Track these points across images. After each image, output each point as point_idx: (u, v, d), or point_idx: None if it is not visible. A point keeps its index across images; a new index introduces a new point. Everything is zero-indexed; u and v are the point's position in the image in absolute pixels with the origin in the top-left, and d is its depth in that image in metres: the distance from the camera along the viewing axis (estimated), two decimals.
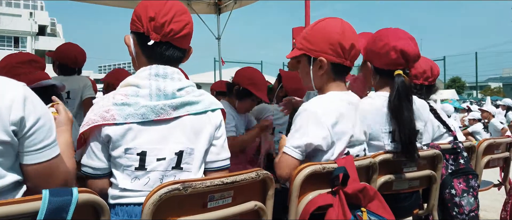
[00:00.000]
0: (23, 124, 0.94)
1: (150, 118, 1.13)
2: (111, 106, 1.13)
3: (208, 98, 1.26)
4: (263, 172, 1.21)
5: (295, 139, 1.38)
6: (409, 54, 1.61)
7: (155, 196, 0.99)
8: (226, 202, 1.14)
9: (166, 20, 1.18)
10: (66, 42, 3.20)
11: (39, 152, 0.98)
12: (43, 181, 1.00)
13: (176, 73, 1.22)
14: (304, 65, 1.53)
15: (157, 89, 1.16)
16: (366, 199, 1.34)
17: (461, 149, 1.96)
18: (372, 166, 1.51)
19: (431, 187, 1.79)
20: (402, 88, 1.57)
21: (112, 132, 1.11)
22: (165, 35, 1.19)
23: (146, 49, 1.22)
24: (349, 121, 1.45)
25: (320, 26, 1.47)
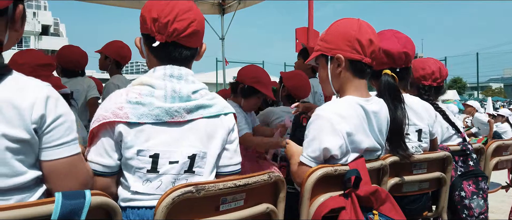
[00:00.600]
0: (43, 120, 0.93)
1: (163, 119, 1.12)
2: (124, 104, 1.10)
3: (221, 102, 1.25)
4: (275, 174, 1.20)
5: (312, 149, 1.34)
6: (392, 53, 1.64)
7: (168, 199, 0.98)
8: (238, 204, 1.13)
9: (169, 20, 1.15)
10: (67, 45, 3.21)
11: (58, 147, 0.97)
12: (61, 181, 0.98)
13: (190, 75, 1.21)
14: (322, 67, 1.48)
15: (173, 91, 1.14)
16: (378, 201, 1.32)
17: (470, 151, 1.95)
18: (383, 168, 1.50)
19: (441, 189, 1.78)
20: (386, 87, 1.57)
21: (124, 130, 1.09)
22: (169, 35, 1.16)
23: (154, 50, 1.20)
24: (365, 129, 1.39)
25: (336, 25, 1.45)
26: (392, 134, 1.54)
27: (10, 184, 0.90)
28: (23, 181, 0.92)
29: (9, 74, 0.93)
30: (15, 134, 0.89)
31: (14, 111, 0.89)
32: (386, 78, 1.60)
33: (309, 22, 7.79)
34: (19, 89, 0.92)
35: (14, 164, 0.91)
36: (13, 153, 0.90)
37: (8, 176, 0.90)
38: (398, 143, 1.56)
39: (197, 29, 1.21)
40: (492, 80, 57.17)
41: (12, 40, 1.00)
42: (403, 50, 1.68)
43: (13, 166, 0.90)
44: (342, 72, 1.42)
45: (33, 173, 0.95)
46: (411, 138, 1.73)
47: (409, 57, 1.71)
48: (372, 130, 1.42)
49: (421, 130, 1.75)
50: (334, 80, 1.45)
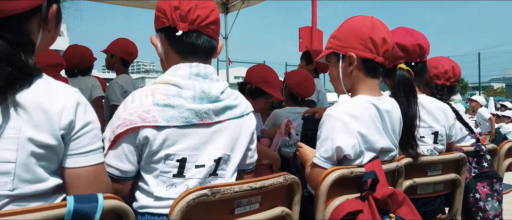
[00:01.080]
0: (71, 126, 0.90)
1: (193, 121, 1.07)
2: (151, 106, 1.04)
3: (244, 101, 1.22)
4: (291, 176, 1.17)
5: (324, 149, 1.29)
6: (406, 46, 1.62)
7: (182, 202, 0.95)
8: (253, 207, 1.10)
9: (191, 7, 1.12)
10: (73, 44, 3.17)
11: (84, 155, 0.93)
12: (83, 189, 0.94)
13: (215, 74, 1.17)
14: (333, 65, 1.44)
15: (202, 91, 1.09)
16: (395, 204, 1.28)
17: (484, 152, 1.91)
18: (398, 170, 1.46)
19: (455, 191, 1.74)
20: (400, 81, 1.54)
21: (152, 135, 1.03)
22: (192, 22, 1.12)
23: (175, 43, 1.15)
24: (379, 129, 1.35)
25: (349, 22, 1.41)
26: (402, 130, 1.50)
27: (31, 190, 0.87)
28: (44, 188, 0.89)
29: (39, 77, 0.90)
30: (42, 139, 0.86)
31: (43, 115, 0.86)
32: (401, 72, 1.58)
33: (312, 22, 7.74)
34: (49, 93, 0.89)
35: (37, 170, 0.87)
36: (37, 159, 0.87)
37: (30, 182, 0.86)
38: (408, 140, 1.53)
39: (217, 18, 1.18)
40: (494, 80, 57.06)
41: (45, 42, 0.98)
42: (416, 42, 1.65)
43: (35, 172, 0.87)
44: (354, 71, 1.38)
45: (54, 180, 0.91)
46: (427, 141, 1.69)
47: (423, 50, 1.67)
48: (386, 129, 1.38)
49: (437, 132, 1.70)
50: (345, 79, 1.41)
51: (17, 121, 0.84)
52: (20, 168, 0.84)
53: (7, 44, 0.85)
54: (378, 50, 1.35)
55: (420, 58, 1.69)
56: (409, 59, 1.66)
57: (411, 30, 1.72)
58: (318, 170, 1.31)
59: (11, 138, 0.83)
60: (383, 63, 1.37)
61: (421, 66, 1.71)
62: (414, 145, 1.54)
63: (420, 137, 1.69)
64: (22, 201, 0.86)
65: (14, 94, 0.84)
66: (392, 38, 1.38)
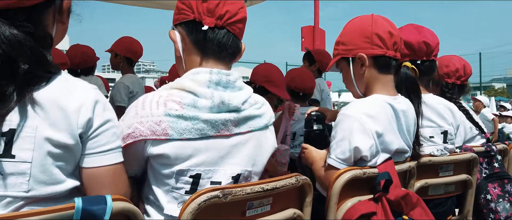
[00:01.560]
0: (90, 124, 0.87)
1: (208, 134, 0.98)
2: (163, 117, 0.95)
3: (269, 110, 1.13)
4: (302, 177, 1.13)
5: (341, 151, 1.25)
6: (411, 43, 1.58)
7: (193, 205, 0.91)
8: (264, 209, 1.06)
9: (220, 1, 1.04)
10: (76, 44, 3.14)
11: (103, 154, 0.90)
12: (102, 190, 0.90)
13: (238, 80, 1.07)
14: (345, 71, 1.41)
15: (221, 102, 0.99)
16: (408, 206, 1.25)
17: (495, 152, 1.87)
18: (410, 171, 1.43)
19: (467, 192, 1.71)
20: (403, 79, 1.50)
21: (162, 149, 0.95)
22: (220, 17, 1.04)
23: (199, 39, 1.05)
24: (395, 129, 1.32)
25: (350, 25, 1.39)
26: None
27: (47, 192, 0.83)
28: (60, 190, 0.85)
29: (58, 74, 0.87)
30: (59, 138, 0.82)
31: (60, 113, 0.82)
32: (405, 70, 1.53)
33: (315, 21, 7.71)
34: (67, 90, 0.85)
35: (53, 171, 0.84)
36: (54, 159, 0.83)
37: (46, 183, 0.83)
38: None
39: (245, 16, 1.10)
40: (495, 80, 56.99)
41: (59, 34, 0.95)
42: (422, 40, 1.61)
43: (52, 173, 0.83)
44: (367, 71, 1.35)
45: (71, 182, 0.88)
46: (437, 141, 1.66)
47: (430, 48, 1.64)
48: (401, 130, 1.35)
49: (446, 132, 1.67)
50: (359, 81, 1.38)
51: (34, 120, 0.80)
52: (36, 168, 0.81)
53: (30, 38, 0.81)
54: (386, 45, 1.32)
55: (426, 57, 1.65)
56: (415, 57, 1.62)
57: (420, 27, 1.68)
58: (334, 171, 1.25)
59: (28, 137, 0.80)
60: (395, 56, 1.34)
61: (428, 65, 1.67)
62: (415, 146, 1.50)
63: (429, 137, 1.67)
64: (36, 204, 0.83)
65: (32, 92, 0.80)
66: (397, 30, 1.36)
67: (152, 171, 1.02)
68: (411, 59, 1.59)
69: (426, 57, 1.62)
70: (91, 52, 3.04)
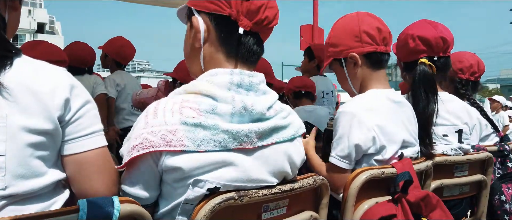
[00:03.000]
0: (68, 106, 0.79)
1: (229, 146, 0.85)
2: (178, 126, 0.82)
3: (296, 120, 1.01)
4: (320, 177, 1.07)
5: (341, 148, 1.23)
6: (428, 39, 1.54)
7: (207, 207, 0.84)
8: (281, 212, 1.00)
9: (263, 4, 0.93)
10: (75, 42, 3.06)
11: (88, 137, 0.82)
12: (94, 178, 0.82)
13: (262, 83, 0.94)
14: (339, 72, 1.41)
15: (243, 107, 0.86)
16: (428, 208, 1.20)
17: (508, 151, 1.82)
18: (427, 171, 1.37)
19: (481, 192, 1.65)
20: (420, 77, 1.47)
21: (177, 162, 0.82)
22: (258, 22, 0.93)
23: (229, 40, 0.93)
24: (396, 120, 1.29)
25: (338, 26, 1.38)
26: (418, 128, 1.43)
27: (28, 187, 0.74)
28: (42, 185, 0.76)
29: (19, 56, 0.78)
30: (35, 125, 0.74)
31: (32, 97, 0.74)
32: (422, 67, 1.50)
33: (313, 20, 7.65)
34: (35, 72, 0.77)
35: (33, 162, 0.75)
36: (32, 149, 0.74)
37: (25, 177, 0.74)
38: (422, 138, 1.44)
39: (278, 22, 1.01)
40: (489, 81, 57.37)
41: (13, 21, 0.86)
42: (439, 35, 1.56)
43: (30, 166, 0.74)
44: (360, 69, 1.34)
45: (55, 174, 0.79)
46: (451, 140, 1.61)
47: (447, 44, 1.59)
48: (402, 121, 1.31)
49: (461, 130, 1.62)
50: (354, 80, 1.37)
51: (2, 108, 0.71)
52: (12, 161, 0.72)
53: None
54: (376, 40, 1.32)
55: (443, 53, 1.60)
56: (432, 54, 1.57)
57: (434, 22, 1.63)
58: (337, 169, 1.24)
59: None
60: (386, 51, 1.33)
61: (444, 61, 1.62)
62: (428, 144, 1.45)
63: (442, 135, 1.61)
64: (18, 204, 0.74)
65: None
66: (385, 25, 1.34)
67: (163, 185, 0.90)
68: (428, 56, 1.53)
69: (443, 54, 1.57)
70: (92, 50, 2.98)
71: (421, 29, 1.57)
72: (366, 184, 1.17)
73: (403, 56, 1.66)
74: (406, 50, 1.59)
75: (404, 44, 1.60)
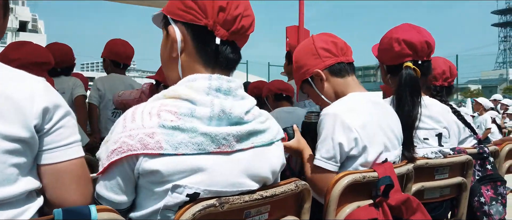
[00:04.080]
0: (47, 116, 0.78)
1: (207, 149, 0.85)
2: (156, 129, 0.82)
3: (274, 125, 1.02)
4: (302, 183, 1.07)
5: (326, 149, 1.25)
6: (413, 43, 1.55)
7: (187, 214, 0.83)
8: (263, 218, 0.99)
9: (239, 13, 0.93)
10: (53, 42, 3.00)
11: (68, 147, 0.81)
12: (74, 188, 0.82)
13: (239, 88, 0.95)
14: (311, 92, 1.46)
15: (221, 111, 0.87)
16: (409, 211, 1.21)
17: (487, 154, 1.85)
18: (408, 174, 1.39)
19: (461, 195, 1.68)
20: (407, 80, 1.49)
21: (154, 165, 0.82)
22: (235, 32, 0.94)
23: (205, 50, 0.94)
24: (377, 122, 1.31)
25: (296, 52, 1.45)
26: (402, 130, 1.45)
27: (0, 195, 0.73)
28: (17, 192, 0.75)
29: None
30: (10, 132, 0.72)
31: (8, 102, 0.73)
32: (408, 71, 1.51)
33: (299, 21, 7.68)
34: (9, 78, 0.76)
35: (7, 170, 0.73)
36: (9, 155, 0.73)
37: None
38: (405, 142, 1.47)
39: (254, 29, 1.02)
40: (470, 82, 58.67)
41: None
42: (424, 39, 1.59)
43: (5, 173, 0.73)
44: (328, 82, 1.38)
45: (29, 182, 0.78)
46: (431, 143, 1.63)
47: (431, 48, 1.62)
48: (383, 122, 1.33)
49: (441, 134, 1.65)
50: (326, 94, 1.41)
51: None
52: None
53: None
54: (333, 52, 1.37)
55: (426, 57, 1.62)
56: (416, 58, 1.59)
57: (417, 26, 1.65)
58: (321, 172, 1.25)
59: None
60: (347, 60, 1.38)
61: (427, 65, 1.64)
62: (410, 148, 1.47)
63: (423, 139, 1.64)
64: None
65: None
66: (338, 38, 1.40)
67: (140, 189, 0.89)
68: (413, 60, 1.54)
69: (426, 58, 1.59)
70: (70, 51, 2.91)
71: (406, 33, 1.58)
72: (348, 188, 1.17)
73: (387, 60, 1.67)
74: (391, 53, 1.61)
75: (388, 48, 1.62)
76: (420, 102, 1.51)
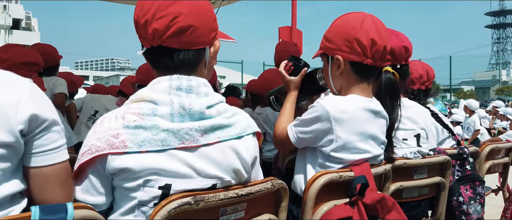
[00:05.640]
0: (35, 121, 0.80)
1: (171, 145, 0.88)
2: (121, 130, 0.87)
3: (244, 120, 1.03)
4: (278, 181, 1.10)
5: (303, 130, 1.31)
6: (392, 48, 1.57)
7: (163, 212, 0.86)
8: (239, 215, 1.02)
9: (146, 20, 0.93)
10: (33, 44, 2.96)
11: (55, 151, 0.84)
12: (56, 192, 0.84)
13: (203, 86, 0.97)
14: (325, 66, 1.41)
15: (181, 107, 0.90)
16: (384, 210, 1.24)
17: (467, 154, 1.90)
18: (386, 174, 1.42)
19: (440, 194, 1.72)
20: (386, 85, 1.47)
21: (122, 163, 0.86)
22: (151, 38, 0.95)
23: (150, 57, 1.00)
24: (366, 131, 1.30)
25: (338, 22, 1.35)
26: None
27: None
28: (1, 195, 0.78)
29: None
30: None
31: None
32: (388, 75, 1.52)
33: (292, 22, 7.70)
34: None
35: None
36: None
37: None
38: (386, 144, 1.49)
39: (187, 24, 0.95)
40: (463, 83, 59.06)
41: None
42: (402, 44, 1.62)
43: None
44: (344, 73, 1.34)
45: (14, 185, 0.80)
46: (410, 143, 1.67)
47: (408, 52, 1.65)
48: (376, 131, 1.34)
49: (419, 135, 1.69)
50: (335, 80, 1.38)
51: None
52: None
53: None
54: (366, 52, 1.29)
55: (405, 61, 1.67)
56: (395, 62, 1.63)
57: (395, 31, 1.69)
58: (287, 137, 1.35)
59: None
60: (373, 64, 1.32)
61: (405, 69, 1.69)
62: (390, 148, 1.49)
63: (402, 139, 1.67)
64: None
65: None
66: (384, 39, 1.31)
67: (115, 190, 0.93)
68: (391, 64, 1.58)
69: (404, 62, 1.63)
70: (52, 51, 2.88)
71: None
72: (326, 187, 1.21)
73: None
74: None
75: None
76: (399, 105, 1.53)
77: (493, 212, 3.22)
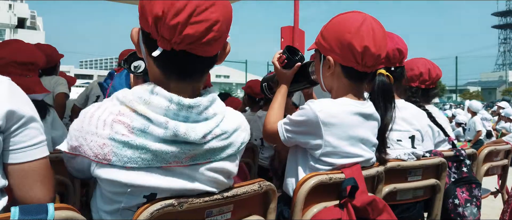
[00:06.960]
0: (13, 117, 0.80)
1: (155, 165, 0.85)
2: (106, 140, 0.82)
3: (240, 136, 0.97)
4: (266, 183, 1.09)
5: (291, 130, 1.30)
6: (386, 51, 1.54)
7: (145, 213, 0.86)
8: (225, 217, 1.02)
9: (179, 22, 0.81)
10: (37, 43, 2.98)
11: (35, 147, 0.85)
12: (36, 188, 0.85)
13: (208, 109, 0.89)
14: (316, 62, 1.40)
15: (174, 134, 0.83)
16: (375, 212, 1.23)
17: (464, 156, 1.88)
18: (378, 176, 1.41)
19: (435, 196, 1.71)
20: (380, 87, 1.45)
21: (105, 174, 0.85)
22: (178, 42, 0.83)
23: (155, 57, 0.86)
24: (356, 136, 1.28)
25: (336, 21, 1.31)
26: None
27: None
28: None
29: None
30: None
31: None
32: (381, 78, 1.51)
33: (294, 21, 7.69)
34: None
35: None
36: None
37: None
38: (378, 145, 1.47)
39: (221, 33, 0.86)
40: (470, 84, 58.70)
41: None
42: (396, 47, 1.61)
43: None
44: (335, 74, 1.32)
45: None
46: (404, 144, 1.65)
47: (402, 55, 1.64)
48: (366, 134, 1.32)
49: (414, 136, 1.67)
50: (326, 79, 1.37)
51: None
52: None
53: None
54: (357, 59, 1.26)
55: (399, 63, 1.66)
56: (389, 64, 1.62)
57: (390, 34, 1.67)
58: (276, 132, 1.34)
59: None
60: (365, 71, 1.30)
61: (400, 71, 1.68)
62: (382, 151, 1.48)
63: (396, 140, 1.66)
64: None
65: None
66: (379, 47, 1.26)
67: (99, 188, 0.92)
68: (385, 67, 1.56)
69: (399, 64, 1.62)
70: (51, 51, 2.89)
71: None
72: (316, 189, 1.20)
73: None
74: None
75: None
76: (393, 107, 1.52)
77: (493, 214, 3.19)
